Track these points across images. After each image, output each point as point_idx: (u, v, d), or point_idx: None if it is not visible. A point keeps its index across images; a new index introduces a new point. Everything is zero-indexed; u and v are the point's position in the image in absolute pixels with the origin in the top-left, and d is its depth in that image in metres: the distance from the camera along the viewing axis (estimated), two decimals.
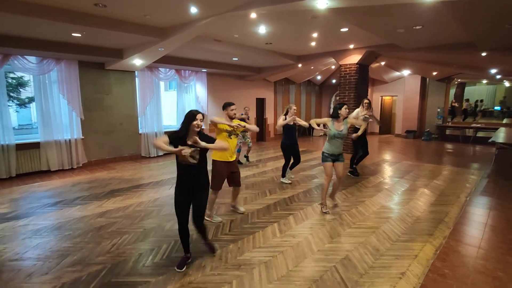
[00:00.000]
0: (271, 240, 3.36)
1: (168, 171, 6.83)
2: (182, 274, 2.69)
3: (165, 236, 3.46)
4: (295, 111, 5.29)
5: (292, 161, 5.67)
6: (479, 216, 4.09)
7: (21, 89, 14.09)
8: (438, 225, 3.75)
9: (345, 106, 4.06)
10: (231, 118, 3.76)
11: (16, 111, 16.43)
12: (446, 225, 3.76)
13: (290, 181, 5.75)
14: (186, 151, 2.42)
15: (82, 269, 2.79)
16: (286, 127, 5.35)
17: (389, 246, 3.21)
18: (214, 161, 3.75)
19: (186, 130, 2.58)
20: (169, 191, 5.22)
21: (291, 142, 5.45)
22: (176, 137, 2.58)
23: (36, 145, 6.62)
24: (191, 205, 2.73)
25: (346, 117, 4.14)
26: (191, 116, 2.58)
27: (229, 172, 3.82)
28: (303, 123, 5.31)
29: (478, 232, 3.58)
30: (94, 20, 4.76)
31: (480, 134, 11.37)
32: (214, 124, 3.69)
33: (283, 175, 5.76)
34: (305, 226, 3.76)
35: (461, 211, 4.22)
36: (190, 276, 2.65)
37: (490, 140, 7.00)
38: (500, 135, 7.59)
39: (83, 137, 7.23)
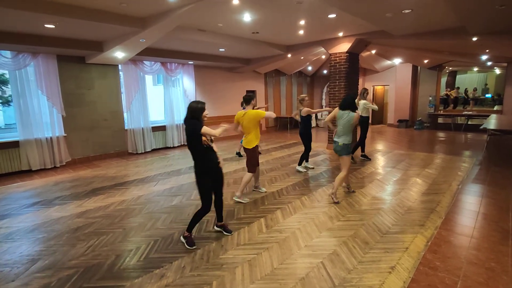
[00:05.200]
0: (256, 237, 3.21)
1: (154, 167, 6.62)
2: (159, 277, 2.52)
3: (145, 236, 3.29)
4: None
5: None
6: (471, 204, 3.99)
7: (3, 87, 13.62)
8: (430, 215, 3.64)
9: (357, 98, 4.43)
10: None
11: (1, 110, 15.93)
12: (437, 214, 3.65)
13: (305, 170, 5.88)
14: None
15: (52, 274, 2.60)
16: (307, 117, 5.59)
17: (379, 239, 3.09)
18: (251, 149, 4.23)
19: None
20: (154, 188, 5.03)
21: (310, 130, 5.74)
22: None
23: (15, 144, 6.33)
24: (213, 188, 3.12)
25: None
26: (201, 108, 2.90)
27: (258, 154, 4.43)
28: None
29: (470, 221, 3.48)
30: (67, 10, 4.47)
31: (472, 121, 11.35)
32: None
33: (300, 164, 5.91)
34: (293, 220, 3.61)
35: (453, 200, 4.12)
36: (167, 278, 2.49)
37: (481, 127, 6.92)
38: (492, 122, 7.53)
39: (65, 135, 6.96)
